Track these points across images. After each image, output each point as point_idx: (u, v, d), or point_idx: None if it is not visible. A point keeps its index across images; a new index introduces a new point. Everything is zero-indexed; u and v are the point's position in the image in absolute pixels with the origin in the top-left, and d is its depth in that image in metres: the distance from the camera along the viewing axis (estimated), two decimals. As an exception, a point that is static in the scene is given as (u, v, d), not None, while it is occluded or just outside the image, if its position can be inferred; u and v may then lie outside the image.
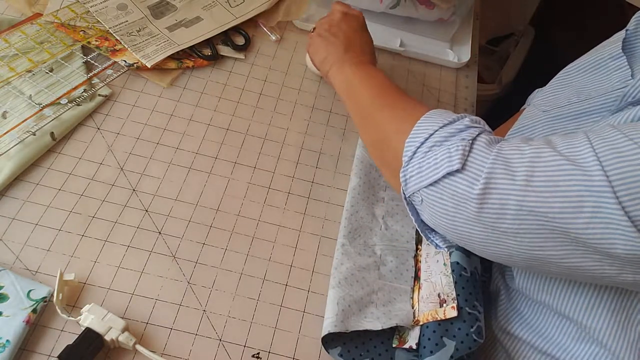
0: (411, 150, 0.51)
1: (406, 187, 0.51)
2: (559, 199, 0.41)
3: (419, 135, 0.51)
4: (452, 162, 0.46)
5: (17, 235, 0.61)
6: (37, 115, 0.69)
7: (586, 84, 0.57)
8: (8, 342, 0.52)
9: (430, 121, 0.52)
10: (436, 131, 0.50)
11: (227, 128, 0.75)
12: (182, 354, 0.56)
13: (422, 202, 0.51)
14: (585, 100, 0.54)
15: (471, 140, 0.47)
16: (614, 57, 0.54)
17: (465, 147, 0.47)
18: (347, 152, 0.75)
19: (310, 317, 0.61)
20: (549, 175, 0.42)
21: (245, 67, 0.83)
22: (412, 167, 0.50)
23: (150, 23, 0.82)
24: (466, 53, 0.91)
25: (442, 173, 0.47)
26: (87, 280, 0.59)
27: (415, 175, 0.50)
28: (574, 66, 0.61)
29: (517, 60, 1.52)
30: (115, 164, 0.68)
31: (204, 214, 0.66)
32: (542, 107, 0.61)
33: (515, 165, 0.44)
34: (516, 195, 0.43)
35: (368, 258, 0.63)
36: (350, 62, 0.67)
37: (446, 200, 0.47)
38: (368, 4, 0.89)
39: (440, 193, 0.48)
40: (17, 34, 0.77)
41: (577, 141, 0.43)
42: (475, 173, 0.45)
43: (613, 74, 0.54)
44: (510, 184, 0.43)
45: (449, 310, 0.55)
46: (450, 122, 0.50)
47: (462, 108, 0.85)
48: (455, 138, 0.48)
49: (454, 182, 0.46)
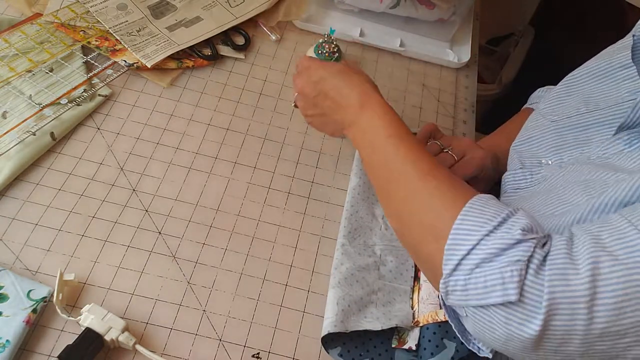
0: (453, 262, 0.43)
1: (447, 298, 0.44)
2: (630, 314, 0.37)
3: (461, 243, 0.43)
4: (508, 292, 0.40)
5: (17, 235, 0.61)
6: (37, 115, 0.69)
7: (594, 92, 0.56)
8: (8, 342, 0.52)
9: (472, 221, 0.43)
10: (481, 240, 0.42)
11: (227, 128, 0.75)
12: (182, 354, 0.56)
13: (466, 316, 0.44)
14: (595, 111, 0.53)
15: (526, 261, 0.40)
16: (624, 66, 0.53)
17: (521, 272, 0.40)
18: (347, 152, 0.75)
19: (310, 317, 0.61)
20: (615, 289, 0.37)
21: (245, 67, 0.83)
22: (455, 281, 0.43)
23: (150, 23, 0.82)
24: (466, 53, 0.91)
25: (495, 301, 0.40)
26: (87, 280, 0.59)
27: (459, 291, 0.43)
28: (582, 72, 0.59)
29: (517, 60, 1.52)
30: (115, 164, 0.68)
31: (204, 214, 0.66)
32: (550, 117, 0.59)
33: (573, 282, 0.38)
34: (583, 319, 0.38)
35: (368, 258, 0.63)
36: (349, 123, 0.58)
37: (497, 327, 0.41)
38: (368, 4, 0.89)
39: (490, 318, 0.42)
40: (17, 34, 0.77)
41: (626, 236, 0.39)
42: (533, 306, 0.39)
43: (622, 83, 0.53)
44: (574, 307, 0.38)
45: None
46: (496, 226, 0.42)
47: (462, 108, 0.85)
48: (506, 258, 0.41)
49: (507, 314, 0.40)
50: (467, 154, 0.67)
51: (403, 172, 0.51)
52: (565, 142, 0.55)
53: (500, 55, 1.59)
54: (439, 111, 0.84)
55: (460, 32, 0.94)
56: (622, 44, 0.57)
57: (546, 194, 0.53)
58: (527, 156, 0.60)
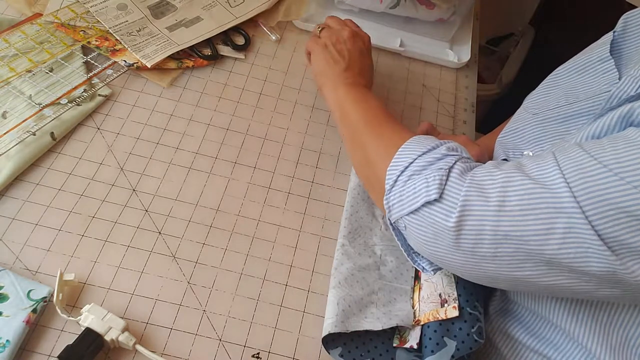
0: (392, 179, 0.52)
1: (390, 214, 0.52)
2: (532, 222, 0.42)
3: (400, 163, 0.52)
4: (430, 191, 0.47)
5: (17, 235, 0.61)
6: (37, 115, 0.69)
7: (575, 86, 0.57)
8: (8, 342, 0.52)
9: (410, 148, 0.53)
10: (415, 159, 0.51)
11: (227, 128, 0.75)
12: (182, 354, 0.56)
13: (405, 228, 0.52)
14: (574, 103, 0.55)
15: (448, 169, 0.48)
16: (602, 60, 0.55)
17: (442, 177, 0.47)
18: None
19: (310, 317, 0.61)
20: (520, 199, 0.43)
21: (245, 67, 0.83)
22: (394, 195, 0.51)
23: (150, 23, 0.82)
24: (466, 53, 0.91)
25: (421, 202, 0.48)
26: (87, 280, 0.59)
27: (397, 203, 0.51)
28: (563, 68, 0.61)
29: (517, 60, 1.52)
30: (115, 164, 0.68)
31: (204, 214, 0.66)
32: (531, 110, 0.61)
33: (488, 191, 0.45)
34: (491, 220, 0.44)
35: (368, 258, 0.63)
36: (345, 82, 0.68)
37: (426, 228, 0.48)
38: (368, 4, 0.89)
39: (419, 221, 0.49)
40: (17, 34, 0.77)
41: (546, 163, 0.44)
42: (451, 202, 0.46)
43: (601, 76, 0.54)
44: (484, 210, 0.44)
45: (450, 310, 0.55)
46: (429, 150, 0.51)
47: (462, 108, 0.85)
48: (433, 167, 0.49)
49: (432, 211, 0.47)
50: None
51: (363, 129, 0.62)
52: (545, 134, 0.57)
53: (500, 55, 1.59)
54: (439, 111, 0.84)
55: (460, 32, 0.94)
56: (603, 40, 0.58)
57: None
58: (510, 147, 0.62)
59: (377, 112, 0.63)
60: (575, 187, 0.40)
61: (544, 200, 0.42)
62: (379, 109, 0.64)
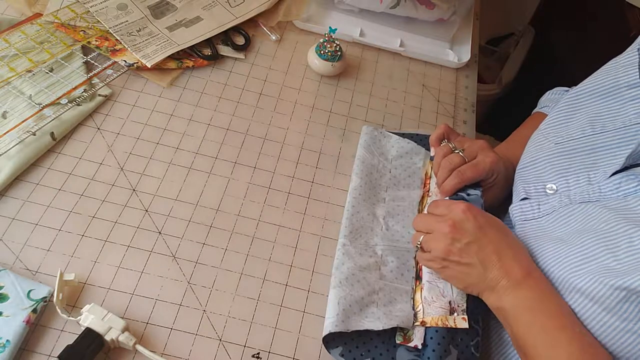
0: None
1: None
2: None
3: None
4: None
5: (17, 235, 0.61)
6: (37, 115, 0.69)
7: (599, 112, 0.54)
8: (8, 342, 0.52)
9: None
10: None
11: (227, 128, 0.75)
12: (182, 354, 0.56)
13: None
14: (602, 133, 0.52)
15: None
16: (630, 86, 0.52)
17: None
18: (347, 152, 0.75)
19: (310, 317, 0.61)
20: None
21: (245, 67, 0.83)
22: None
23: (150, 23, 0.82)
24: (466, 53, 0.91)
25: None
26: (87, 280, 0.59)
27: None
28: (585, 89, 0.58)
29: (517, 60, 1.52)
30: (115, 164, 0.68)
31: (204, 214, 0.66)
32: (553, 138, 0.58)
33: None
34: None
35: (369, 258, 0.63)
36: (499, 288, 0.53)
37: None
38: (368, 4, 0.89)
39: None
40: (17, 34, 0.77)
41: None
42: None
43: (629, 104, 0.52)
44: None
45: (460, 320, 0.56)
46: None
47: (462, 108, 0.85)
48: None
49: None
50: (479, 156, 0.65)
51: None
52: (571, 165, 0.54)
53: (500, 55, 1.59)
54: (439, 111, 0.84)
55: (460, 32, 0.94)
56: (628, 59, 0.55)
57: (560, 242, 0.51)
58: (531, 181, 0.59)
59: (555, 328, 0.49)
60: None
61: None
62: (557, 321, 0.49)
